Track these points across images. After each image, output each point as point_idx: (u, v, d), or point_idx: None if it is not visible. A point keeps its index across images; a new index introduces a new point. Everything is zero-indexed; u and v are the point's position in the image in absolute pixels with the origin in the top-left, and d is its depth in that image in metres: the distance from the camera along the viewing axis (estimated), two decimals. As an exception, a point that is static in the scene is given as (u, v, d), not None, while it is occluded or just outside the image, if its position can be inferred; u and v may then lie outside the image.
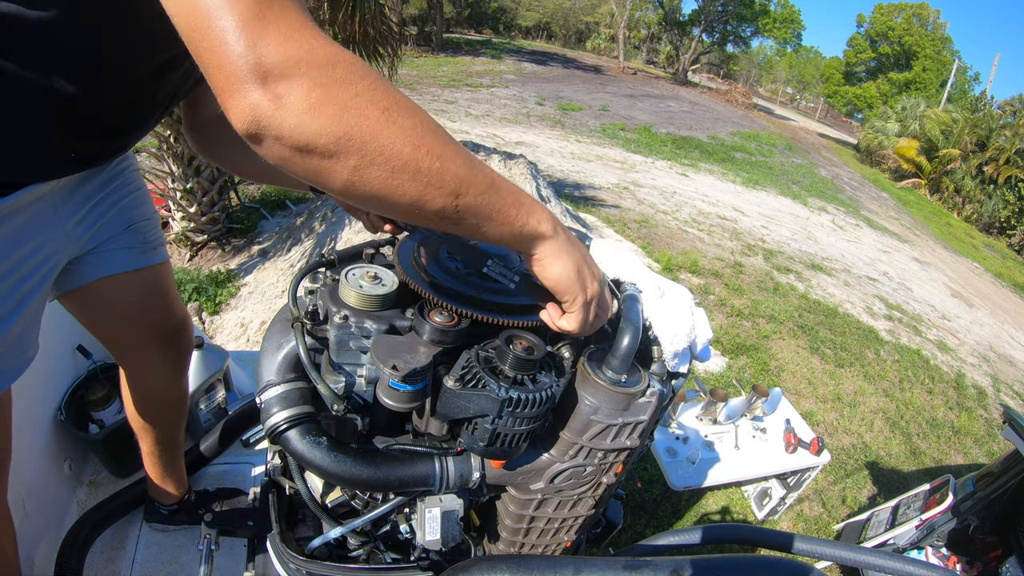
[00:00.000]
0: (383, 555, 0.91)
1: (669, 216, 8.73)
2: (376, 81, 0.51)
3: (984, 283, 11.65)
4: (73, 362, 1.74)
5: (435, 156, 0.52)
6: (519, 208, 0.60)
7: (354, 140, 0.49)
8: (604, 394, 0.74)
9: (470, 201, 0.56)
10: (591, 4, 38.91)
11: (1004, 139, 18.36)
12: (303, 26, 0.49)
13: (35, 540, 1.46)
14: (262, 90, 0.47)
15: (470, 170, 0.55)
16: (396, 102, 0.51)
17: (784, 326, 6.12)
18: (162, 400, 1.35)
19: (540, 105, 16.34)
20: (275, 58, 0.47)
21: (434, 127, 0.54)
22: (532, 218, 0.61)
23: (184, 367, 1.37)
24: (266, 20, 0.47)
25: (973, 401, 6.01)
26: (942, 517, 3.03)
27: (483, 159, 5.11)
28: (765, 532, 1.08)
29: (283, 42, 0.47)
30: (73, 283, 1.06)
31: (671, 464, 2.98)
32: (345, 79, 0.49)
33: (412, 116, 0.52)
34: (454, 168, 0.54)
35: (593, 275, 0.69)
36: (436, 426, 0.76)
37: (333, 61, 0.49)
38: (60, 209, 0.90)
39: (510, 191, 0.60)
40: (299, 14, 0.50)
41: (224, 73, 0.47)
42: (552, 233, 0.64)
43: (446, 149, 0.53)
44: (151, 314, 1.20)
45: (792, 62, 41.89)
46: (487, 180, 0.57)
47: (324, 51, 0.49)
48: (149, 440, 1.40)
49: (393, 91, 0.52)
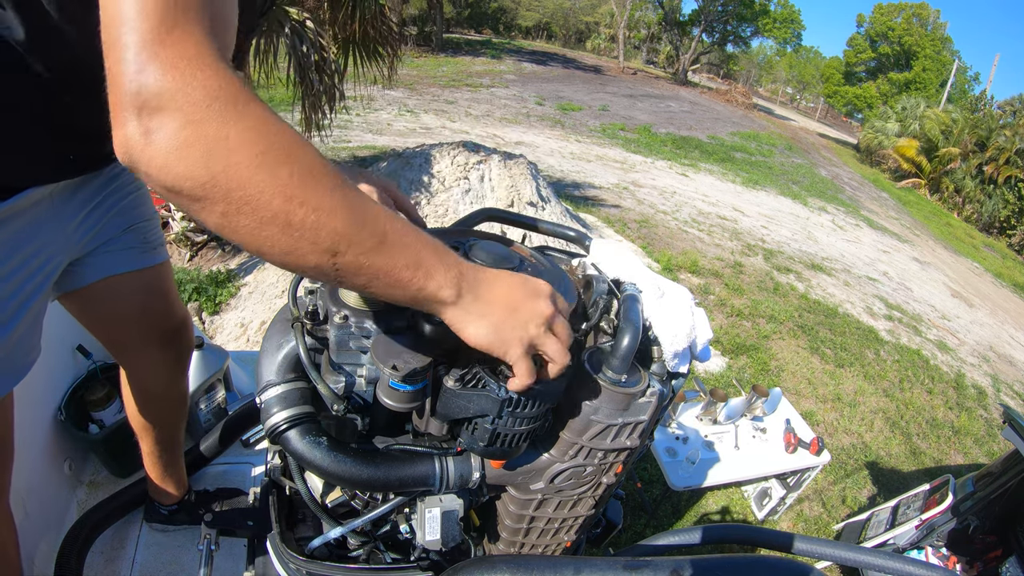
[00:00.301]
0: (383, 555, 0.91)
1: (669, 216, 8.73)
2: (256, 121, 0.46)
3: (984, 283, 11.65)
4: (73, 362, 1.74)
5: (310, 209, 0.47)
6: (415, 270, 0.53)
7: (219, 187, 0.45)
8: (604, 394, 0.74)
9: (350, 260, 0.50)
10: (591, 4, 38.92)
11: (1004, 139, 18.36)
12: (197, 54, 0.45)
13: (35, 540, 1.46)
14: (136, 122, 0.44)
15: (355, 227, 0.49)
16: (272, 146, 0.46)
17: (784, 326, 6.13)
18: (162, 400, 1.35)
19: (540, 105, 16.34)
20: (154, 88, 0.44)
21: (318, 175, 0.48)
22: (431, 282, 0.54)
23: (184, 367, 1.37)
24: (163, 44, 0.44)
25: (973, 401, 6.01)
26: (942, 517, 3.03)
27: (483, 159, 5.11)
28: (765, 532, 1.08)
29: (168, 70, 0.44)
30: (74, 284, 1.06)
31: (671, 464, 2.98)
32: (220, 117, 0.45)
33: (290, 162, 0.47)
34: (333, 223, 0.48)
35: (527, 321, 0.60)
36: (436, 426, 0.76)
37: (212, 96, 0.45)
38: (60, 212, 0.90)
39: (407, 249, 0.53)
40: (200, 40, 0.46)
41: (113, 96, 0.45)
42: (454, 299, 0.56)
43: (326, 201, 0.48)
44: (151, 314, 1.21)
45: (792, 62, 41.90)
46: (376, 238, 0.51)
47: (207, 84, 0.45)
48: (149, 440, 1.41)
49: (275, 132, 0.47)
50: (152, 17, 0.45)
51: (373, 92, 11.70)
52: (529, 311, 0.60)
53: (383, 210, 0.53)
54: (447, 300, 0.56)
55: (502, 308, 0.59)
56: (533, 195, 5.09)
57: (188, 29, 0.46)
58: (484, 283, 0.59)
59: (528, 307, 0.60)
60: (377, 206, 0.53)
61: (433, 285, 0.55)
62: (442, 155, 5.13)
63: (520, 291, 0.61)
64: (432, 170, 5.03)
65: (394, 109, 12.53)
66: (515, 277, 0.62)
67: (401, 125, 11.25)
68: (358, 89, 5.45)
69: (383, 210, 0.53)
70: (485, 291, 0.59)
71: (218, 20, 0.50)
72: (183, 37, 0.45)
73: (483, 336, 0.59)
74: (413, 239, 0.54)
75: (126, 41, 0.44)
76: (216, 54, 0.47)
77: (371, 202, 0.52)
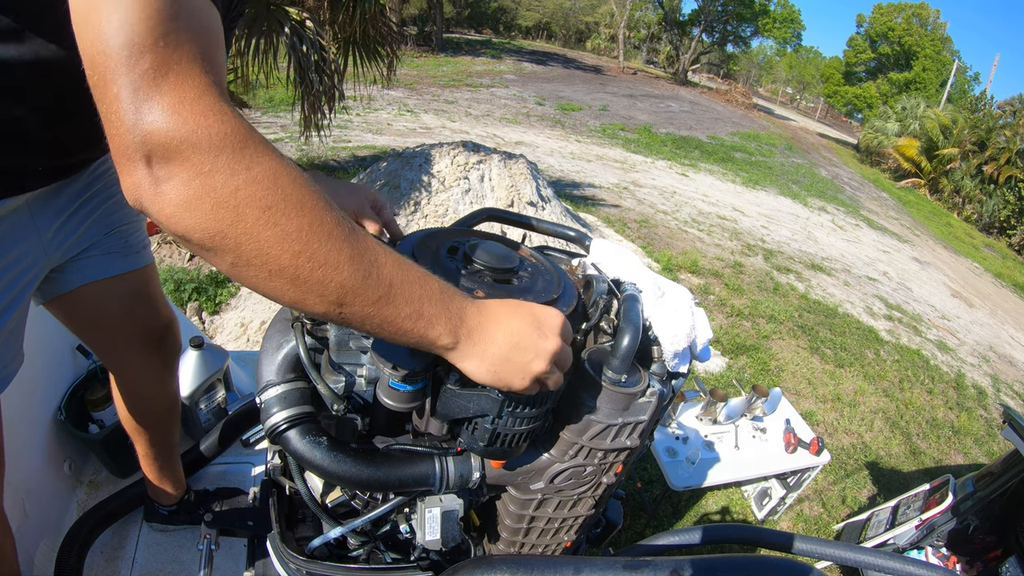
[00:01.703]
0: (383, 555, 0.91)
1: (669, 216, 8.73)
2: (263, 172, 0.46)
3: (984, 283, 11.65)
4: (73, 362, 1.74)
5: (317, 264, 0.48)
6: (416, 321, 0.55)
7: (229, 240, 0.46)
8: (604, 394, 0.74)
9: (356, 311, 0.52)
10: (591, 4, 38.91)
11: (1004, 139, 18.36)
12: (198, 96, 0.45)
13: (35, 540, 1.46)
14: (146, 170, 0.44)
15: (361, 280, 0.51)
16: (281, 200, 0.46)
17: (784, 326, 6.13)
18: (153, 403, 1.34)
19: (540, 105, 16.34)
20: (160, 137, 0.43)
21: (327, 229, 0.49)
22: (431, 331, 0.56)
23: (173, 369, 1.36)
24: (160, 89, 0.44)
25: (973, 401, 6.01)
26: (942, 517, 3.03)
27: (483, 159, 5.11)
28: (765, 532, 1.08)
29: (171, 117, 0.43)
30: (56, 290, 1.05)
31: (671, 464, 2.98)
32: (228, 169, 0.45)
33: (299, 216, 0.47)
34: (340, 278, 0.49)
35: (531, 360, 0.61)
36: (436, 426, 0.76)
37: (219, 146, 0.44)
38: (37, 219, 0.88)
39: (411, 301, 0.54)
40: (199, 80, 0.45)
41: (115, 143, 0.45)
42: (453, 345, 0.58)
43: (333, 256, 0.49)
44: (136, 318, 1.19)
45: (792, 62, 41.90)
46: (381, 291, 0.52)
47: (212, 131, 0.44)
48: (143, 443, 1.40)
49: (283, 184, 0.47)
50: (144, 58, 0.44)
51: (373, 92, 11.67)
52: (534, 350, 0.60)
53: (390, 259, 0.53)
54: (447, 346, 0.58)
55: (504, 349, 0.60)
56: (533, 195, 5.09)
57: (184, 69, 0.45)
58: (486, 325, 0.60)
59: (534, 346, 0.60)
60: (385, 255, 0.53)
61: (434, 334, 0.56)
62: (442, 155, 5.13)
63: (526, 330, 0.60)
64: (432, 170, 5.03)
65: (394, 109, 12.53)
66: (523, 315, 0.61)
67: (401, 125, 11.25)
68: (358, 89, 5.45)
69: (390, 259, 0.53)
70: (486, 333, 0.59)
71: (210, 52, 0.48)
72: (181, 80, 0.45)
73: (482, 375, 0.60)
74: (418, 289, 0.55)
75: (121, 85, 0.43)
76: (217, 94, 0.46)
77: (379, 251, 0.53)
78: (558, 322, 0.62)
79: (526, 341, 0.60)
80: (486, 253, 0.79)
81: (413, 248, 0.80)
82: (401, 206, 4.77)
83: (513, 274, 0.80)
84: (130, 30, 0.43)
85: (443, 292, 0.57)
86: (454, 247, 0.83)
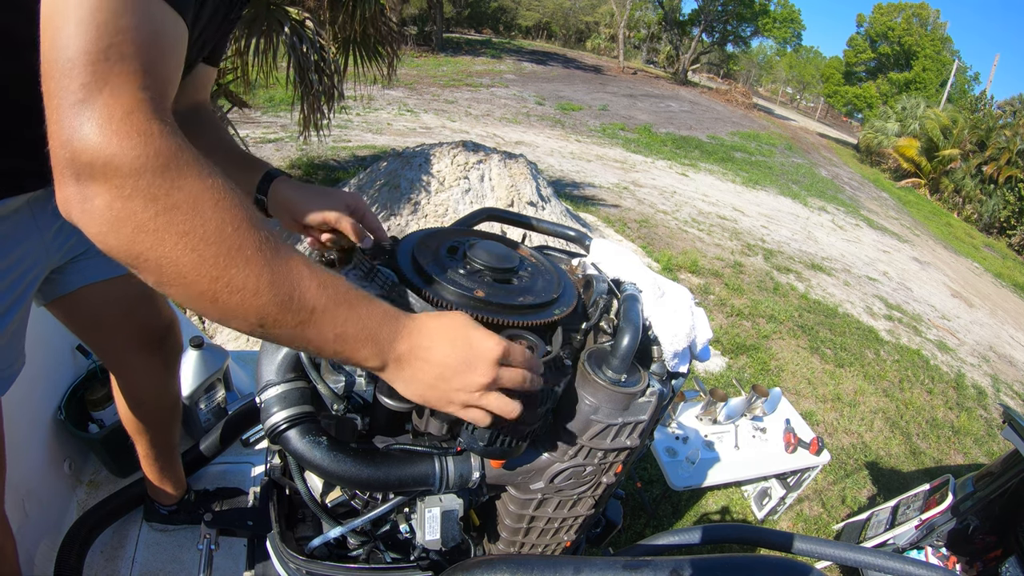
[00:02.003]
0: (383, 555, 0.91)
1: (669, 216, 8.73)
2: (184, 197, 0.46)
3: (984, 283, 11.65)
4: (73, 362, 1.74)
5: (235, 290, 0.48)
6: (342, 343, 0.54)
7: (150, 262, 0.46)
8: (604, 394, 0.74)
9: (278, 333, 0.52)
10: (591, 4, 38.90)
11: (1004, 139, 18.36)
12: (127, 115, 0.44)
13: (35, 540, 1.46)
14: (75, 187, 0.45)
15: (280, 305, 0.50)
16: (200, 226, 0.46)
17: (784, 326, 6.13)
18: (154, 403, 1.34)
19: (540, 105, 16.34)
20: (87, 156, 0.43)
21: (246, 255, 0.48)
22: (357, 354, 0.56)
23: (174, 370, 1.36)
24: (93, 105, 0.44)
25: (973, 401, 6.01)
26: (942, 517, 3.03)
27: (483, 158, 5.11)
28: (765, 532, 1.08)
29: (98, 136, 0.43)
30: (57, 291, 1.05)
31: (671, 464, 2.98)
32: (148, 193, 0.44)
33: (218, 243, 0.47)
34: (258, 303, 0.49)
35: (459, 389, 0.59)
36: (436, 426, 0.76)
37: (141, 168, 0.44)
38: (39, 219, 0.88)
39: (334, 325, 0.53)
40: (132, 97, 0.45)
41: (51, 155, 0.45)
42: (380, 367, 0.58)
43: (252, 282, 0.48)
44: (136, 319, 1.19)
45: (792, 62, 41.88)
46: (302, 316, 0.51)
47: (135, 153, 0.44)
48: (144, 443, 1.40)
49: (203, 209, 0.46)
50: (83, 72, 0.44)
51: (373, 92, 11.70)
52: (461, 381, 0.59)
53: (315, 283, 0.53)
54: (375, 368, 0.58)
55: (430, 377, 0.59)
56: (533, 195, 5.09)
57: (120, 84, 0.45)
58: (415, 351, 0.59)
59: (459, 378, 0.59)
60: (310, 279, 0.52)
61: (359, 357, 0.56)
62: (442, 155, 5.13)
63: (454, 361, 0.59)
64: (432, 170, 5.03)
65: (394, 109, 12.53)
66: (457, 344, 0.59)
67: (401, 125, 11.25)
68: (358, 89, 5.45)
69: (315, 283, 0.53)
70: (415, 360, 0.59)
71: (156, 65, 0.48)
72: (113, 96, 0.44)
73: (413, 395, 0.60)
74: (344, 312, 0.54)
75: (61, 97, 0.44)
76: (149, 111, 0.46)
77: (304, 275, 0.52)
78: (493, 355, 0.60)
79: (450, 372, 0.59)
80: (486, 253, 0.79)
81: (413, 248, 0.80)
82: (401, 206, 4.77)
83: (513, 274, 0.80)
84: (76, 42, 0.44)
85: (373, 316, 0.56)
86: (454, 247, 0.83)
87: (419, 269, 0.75)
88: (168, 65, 0.51)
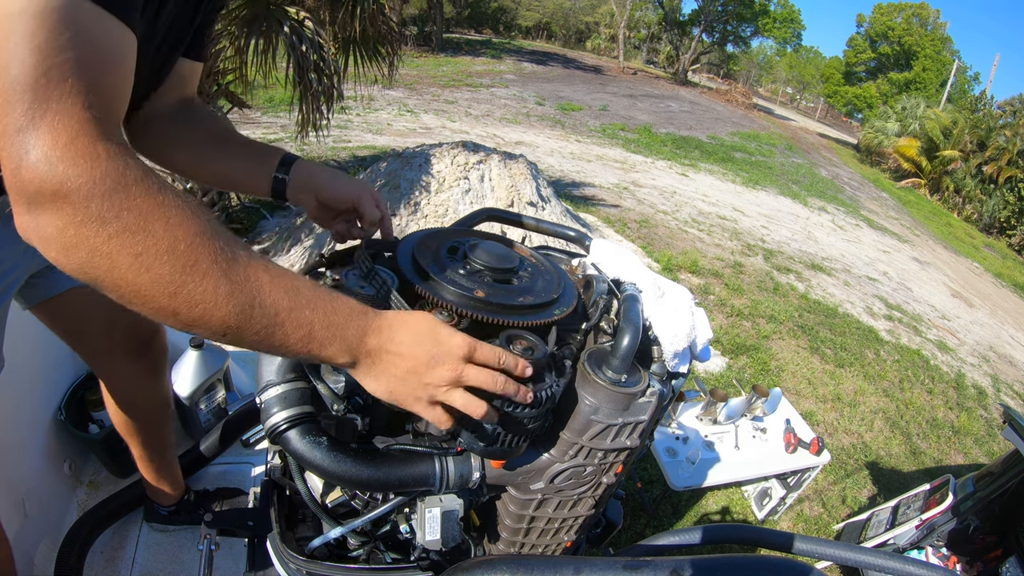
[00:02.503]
0: (383, 555, 0.91)
1: (669, 216, 8.73)
2: (133, 219, 0.46)
3: (984, 283, 11.65)
4: (73, 362, 1.74)
5: (194, 304, 0.49)
6: (308, 343, 0.55)
7: (108, 283, 0.47)
8: (604, 394, 0.74)
9: (243, 339, 0.53)
10: (591, 4, 38.90)
11: (1004, 139, 18.36)
12: (72, 139, 0.44)
13: (35, 540, 1.46)
14: (28, 216, 0.45)
15: (240, 314, 0.51)
16: (152, 246, 0.46)
17: (784, 326, 6.12)
18: (142, 406, 1.34)
19: (540, 105, 16.34)
20: (35, 186, 0.43)
21: (203, 268, 0.48)
22: (324, 352, 0.56)
23: (161, 373, 1.35)
24: (38, 130, 0.43)
25: (973, 401, 6.01)
26: (942, 517, 3.03)
27: (483, 159, 5.11)
28: (765, 532, 1.08)
29: (44, 164, 0.43)
30: (39, 296, 1.05)
31: (671, 464, 2.98)
32: (99, 218, 0.45)
33: (171, 260, 0.47)
34: (219, 314, 0.50)
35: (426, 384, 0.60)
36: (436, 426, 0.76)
37: (88, 195, 0.44)
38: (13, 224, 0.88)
39: (300, 327, 0.54)
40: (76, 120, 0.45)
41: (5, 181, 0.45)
42: (350, 364, 0.59)
43: (209, 295, 0.49)
44: (119, 324, 1.19)
45: (792, 62, 41.88)
46: (265, 320, 0.52)
47: (83, 179, 0.44)
48: (137, 445, 1.40)
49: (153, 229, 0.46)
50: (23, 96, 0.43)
51: (373, 92, 11.69)
52: (428, 376, 0.60)
53: (278, 287, 0.53)
54: (346, 364, 0.59)
55: (402, 369, 0.60)
56: (533, 195, 5.09)
57: (63, 108, 0.44)
58: (384, 347, 0.59)
59: (427, 372, 0.60)
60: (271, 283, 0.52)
61: (327, 354, 0.57)
62: (442, 155, 5.12)
63: (421, 357, 0.59)
64: (432, 170, 5.03)
65: (394, 109, 12.52)
66: (424, 341, 0.60)
67: (401, 125, 11.25)
68: (358, 89, 5.44)
69: (278, 287, 0.53)
70: (383, 355, 0.60)
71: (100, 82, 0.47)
72: (57, 119, 0.44)
73: (380, 392, 0.61)
74: (307, 315, 0.54)
75: (7, 122, 0.43)
76: (95, 133, 0.46)
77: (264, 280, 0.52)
78: (459, 351, 0.60)
79: (419, 366, 0.60)
80: (486, 253, 0.79)
81: (413, 248, 0.80)
82: (401, 206, 4.77)
83: (513, 274, 0.80)
84: (16, 67, 0.43)
85: (339, 313, 0.57)
86: (454, 247, 0.83)
87: (419, 269, 0.75)
88: (115, 79, 0.50)
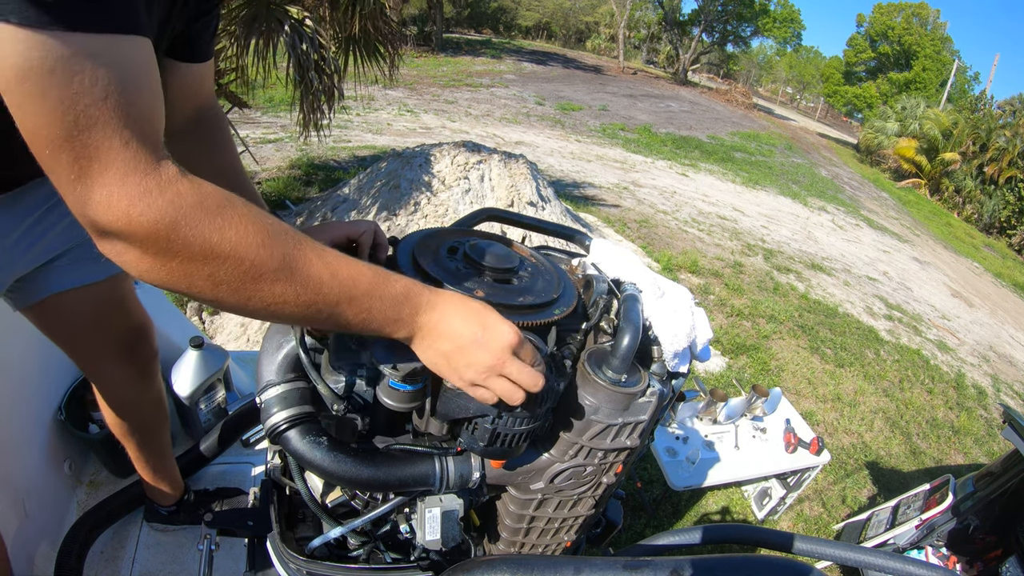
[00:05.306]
0: (383, 555, 0.91)
1: (669, 216, 8.73)
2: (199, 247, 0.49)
3: (984, 283, 11.65)
4: (73, 362, 1.74)
5: (264, 305, 0.54)
6: (369, 322, 0.60)
7: (191, 294, 0.52)
8: (604, 394, 0.74)
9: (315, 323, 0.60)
10: (591, 4, 38.89)
11: (1004, 139, 18.35)
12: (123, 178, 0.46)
13: (35, 540, 1.46)
14: (106, 246, 0.49)
15: (304, 309, 0.56)
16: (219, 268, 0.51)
17: (784, 326, 6.12)
18: (134, 408, 1.33)
19: (540, 105, 16.33)
20: (100, 227, 0.47)
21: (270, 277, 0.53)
22: (386, 329, 0.62)
23: (152, 374, 1.34)
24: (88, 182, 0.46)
25: (973, 401, 6.01)
26: (942, 517, 3.03)
27: (483, 159, 5.11)
28: (765, 532, 1.08)
29: (104, 210, 0.46)
30: (27, 299, 1.05)
31: (671, 464, 2.98)
32: (167, 250, 0.49)
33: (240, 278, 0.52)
34: (288, 311, 0.56)
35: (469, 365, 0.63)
36: (436, 426, 0.76)
37: (152, 232, 0.47)
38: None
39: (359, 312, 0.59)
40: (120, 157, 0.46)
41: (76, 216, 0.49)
42: (408, 335, 0.63)
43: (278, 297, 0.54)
44: (107, 327, 1.18)
45: (792, 62, 41.86)
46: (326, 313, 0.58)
47: (144, 218, 0.47)
48: (132, 446, 1.39)
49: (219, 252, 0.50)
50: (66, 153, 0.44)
51: (373, 92, 11.69)
52: (470, 357, 0.63)
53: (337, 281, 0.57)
54: (403, 339, 0.64)
55: (448, 346, 0.63)
56: (533, 195, 5.09)
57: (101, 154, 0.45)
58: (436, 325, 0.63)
59: (470, 354, 0.63)
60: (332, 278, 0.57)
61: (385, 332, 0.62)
62: (442, 155, 5.12)
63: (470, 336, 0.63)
64: (432, 170, 5.03)
65: (394, 109, 12.52)
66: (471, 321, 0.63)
67: (401, 125, 11.24)
68: (358, 89, 5.44)
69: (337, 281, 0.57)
70: (435, 332, 0.64)
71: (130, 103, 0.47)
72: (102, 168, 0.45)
73: (434, 364, 0.65)
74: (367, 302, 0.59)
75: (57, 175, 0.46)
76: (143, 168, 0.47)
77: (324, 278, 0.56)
78: (506, 340, 0.62)
79: (464, 346, 0.63)
80: (486, 253, 0.79)
81: (413, 248, 0.80)
82: (401, 206, 4.77)
83: (513, 274, 0.80)
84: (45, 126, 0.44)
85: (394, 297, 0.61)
86: (454, 247, 0.83)
87: (419, 269, 0.75)
88: (145, 99, 0.49)
